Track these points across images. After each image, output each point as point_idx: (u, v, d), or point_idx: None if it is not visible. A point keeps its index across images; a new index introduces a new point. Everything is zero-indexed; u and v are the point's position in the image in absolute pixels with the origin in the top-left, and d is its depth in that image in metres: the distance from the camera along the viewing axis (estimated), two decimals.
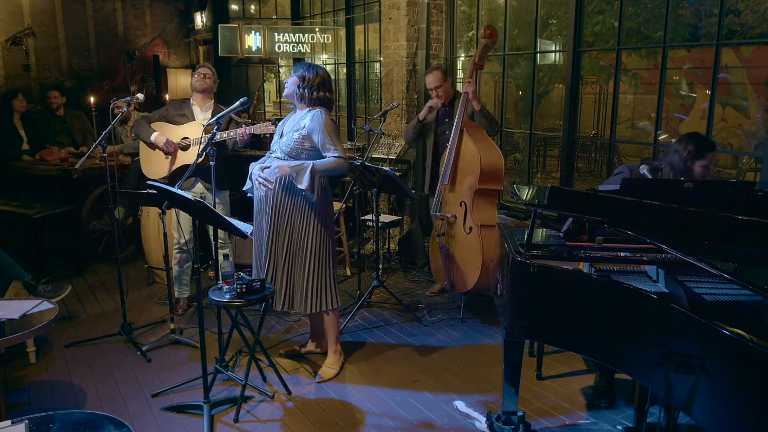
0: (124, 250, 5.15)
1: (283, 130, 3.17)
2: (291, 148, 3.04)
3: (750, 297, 2.00)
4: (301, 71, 3.10)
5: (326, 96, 3.12)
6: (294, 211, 3.08)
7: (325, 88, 3.11)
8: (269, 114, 8.50)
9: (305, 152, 3.05)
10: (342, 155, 3.04)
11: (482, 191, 3.82)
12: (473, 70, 3.94)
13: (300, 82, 3.08)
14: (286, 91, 3.15)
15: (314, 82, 3.07)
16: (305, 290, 3.13)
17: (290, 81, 3.13)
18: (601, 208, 2.27)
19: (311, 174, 2.98)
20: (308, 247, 3.11)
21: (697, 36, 7.34)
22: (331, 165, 3.03)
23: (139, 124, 3.92)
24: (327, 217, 3.16)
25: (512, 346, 2.51)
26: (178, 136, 3.85)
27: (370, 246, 5.35)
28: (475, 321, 4.00)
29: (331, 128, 3.06)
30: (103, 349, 3.61)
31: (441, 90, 4.14)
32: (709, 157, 2.86)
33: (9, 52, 6.69)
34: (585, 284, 2.16)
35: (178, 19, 8.12)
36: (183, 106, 4.00)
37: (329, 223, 3.19)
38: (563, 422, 2.84)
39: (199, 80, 3.93)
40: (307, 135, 3.03)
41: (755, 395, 1.60)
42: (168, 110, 4.00)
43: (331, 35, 6.48)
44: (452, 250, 4.01)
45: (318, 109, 3.07)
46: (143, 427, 2.80)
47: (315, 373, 3.29)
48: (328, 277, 3.18)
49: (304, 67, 3.12)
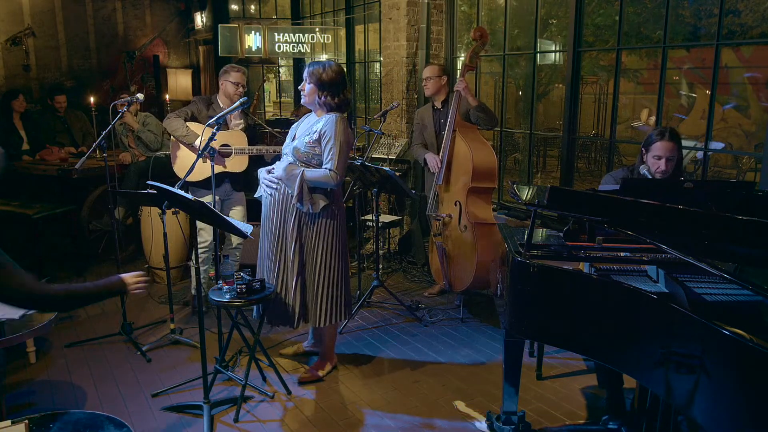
0: (124, 250, 5.15)
1: (296, 133, 3.09)
2: (302, 152, 2.96)
3: (750, 297, 2.00)
4: (315, 76, 2.94)
5: (345, 98, 3.01)
6: (301, 220, 3.00)
7: (343, 89, 2.99)
8: (269, 114, 8.50)
9: (316, 157, 2.96)
10: (334, 170, 2.89)
11: (476, 189, 3.85)
12: (465, 71, 3.98)
13: (319, 91, 2.95)
14: (304, 99, 3.02)
15: (334, 85, 2.94)
16: (314, 303, 3.06)
17: (308, 89, 2.98)
18: (601, 208, 2.26)
19: (300, 183, 2.90)
20: (318, 259, 3.03)
21: (697, 36, 7.34)
22: (320, 177, 2.91)
23: (174, 124, 3.77)
24: (337, 227, 3.06)
25: (512, 346, 2.51)
26: (218, 142, 3.78)
27: (370, 246, 5.35)
28: (475, 321, 4.00)
29: (342, 138, 2.92)
30: (103, 349, 3.61)
31: (431, 82, 4.19)
32: (662, 148, 2.68)
33: (9, 52, 6.69)
34: (585, 284, 2.16)
35: (178, 19, 8.12)
36: (214, 109, 3.87)
37: (340, 234, 3.07)
38: (563, 422, 2.84)
39: (239, 95, 3.82)
40: (317, 139, 2.94)
41: (755, 395, 1.60)
42: (200, 110, 3.88)
43: (331, 35, 6.48)
44: (449, 250, 4.03)
45: (334, 115, 2.96)
46: (143, 427, 2.80)
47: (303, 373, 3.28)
48: (339, 291, 3.09)
49: (319, 69, 2.95)
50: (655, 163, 2.72)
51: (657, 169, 2.71)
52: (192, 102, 3.98)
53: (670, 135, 2.70)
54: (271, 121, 6.86)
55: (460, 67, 4.68)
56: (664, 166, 2.69)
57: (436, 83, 4.18)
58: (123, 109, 3.68)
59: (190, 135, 3.78)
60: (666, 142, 2.68)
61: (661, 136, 2.70)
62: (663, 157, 2.69)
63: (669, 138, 2.69)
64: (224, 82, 3.88)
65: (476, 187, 3.84)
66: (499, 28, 6.93)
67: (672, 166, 2.71)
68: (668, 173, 2.70)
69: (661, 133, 2.71)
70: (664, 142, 2.69)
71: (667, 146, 2.68)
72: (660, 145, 2.69)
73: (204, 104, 3.93)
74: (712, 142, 4.71)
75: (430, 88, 4.21)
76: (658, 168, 2.71)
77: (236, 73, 3.87)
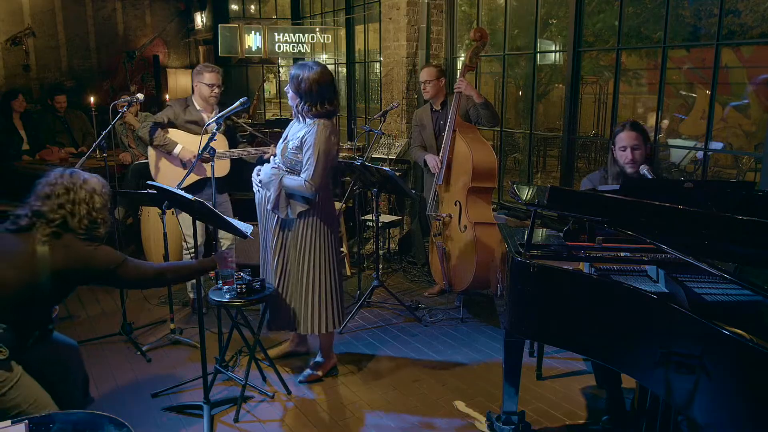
0: (124, 250, 5.15)
1: (288, 133, 3.07)
2: (287, 158, 2.95)
3: (750, 297, 2.00)
4: (294, 83, 2.85)
5: (327, 109, 2.88)
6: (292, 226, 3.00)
7: (324, 98, 2.86)
8: (269, 114, 8.50)
9: (299, 164, 2.93)
10: (309, 180, 2.83)
11: (476, 189, 3.86)
12: (465, 71, 3.98)
13: (299, 101, 2.88)
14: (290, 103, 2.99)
15: (312, 95, 2.83)
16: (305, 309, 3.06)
17: (289, 96, 2.95)
18: (602, 208, 2.26)
19: (278, 189, 2.88)
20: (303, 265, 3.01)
21: (697, 36, 7.34)
22: (296, 186, 2.87)
23: (152, 131, 3.67)
24: (321, 232, 3.02)
25: (512, 346, 2.51)
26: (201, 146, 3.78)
27: (370, 246, 5.35)
28: (475, 321, 4.00)
29: (322, 147, 2.83)
30: (103, 349, 3.61)
31: (430, 86, 4.17)
32: (625, 138, 2.74)
33: (9, 52, 6.70)
34: (585, 284, 2.16)
35: (178, 19, 8.13)
36: (190, 111, 3.80)
37: (325, 239, 3.03)
38: (563, 422, 2.84)
39: (214, 97, 3.75)
40: (300, 146, 2.90)
41: (755, 395, 1.60)
42: (177, 114, 3.78)
43: (331, 35, 6.48)
44: (448, 250, 4.03)
45: (317, 123, 2.87)
46: (143, 427, 2.80)
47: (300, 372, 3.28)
48: (328, 298, 3.07)
49: (298, 74, 2.85)
50: (622, 155, 2.79)
51: (625, 161, 2.78)
52: (168, 107, 3.86)
53: (631, 125, 2.80)
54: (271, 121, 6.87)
55: (460, 68, 4.68)
56: (630, 155, 2.76)
57: (435, 86, 4.17)
58: (123, 109, 3.67)
59: (169, 143, 3.71)
60: (629, 132, 2.77)
61: (623, 127, 2.80)
62: (628, 147, 2.76)
63: (631, 128, 2.78)
64: (198, 84, 3.77)
65: (476, 187, 3.84)
66: (499, 28, 6.94)
67: (639, 155, 2.77)
68: (637, 162, 2.75)
69: (623, 125, 2.81)
70: (627, 132, 2.77)
71: (630, 135, 2.76)
72: (624, 136, 2.77)
73: (180, 107, 3.81)
74: (712, 142, 4.71)
75: (429, 91, 4.19)
76: (626, 159, 2.77)
77: (210, 73, 3.74)
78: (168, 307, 3.67)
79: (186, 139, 3.77)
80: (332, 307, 3.10)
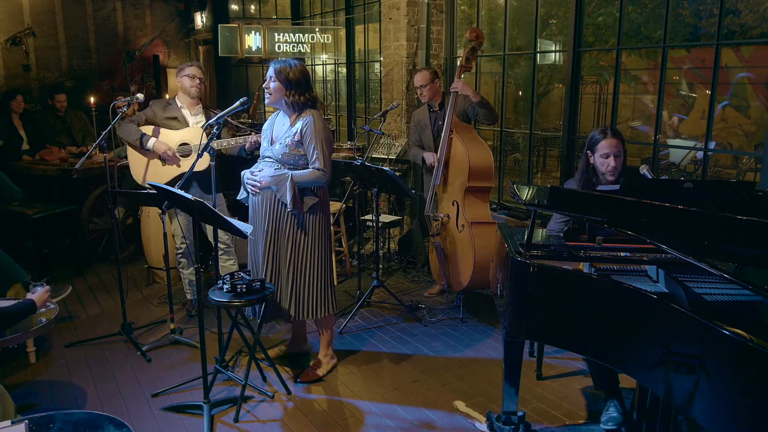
0: (124, 250, 5.15)
1: (272, 136, 3.09)
2: (285, 154, 2.98)
3: (750, 297, 2.00)
4: (283, 74, 2.93)
5: (312, 97, 3.01)
6: (289, 219, 3.03)
7: (309, 87, 3.00)
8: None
9: (303, 158, 2.99)
10: (322, 168, 2.94)
11: (473, 189, 3.86)
12: (460, 71, 3.98)
13: (287, 90, 2.95)
14: (269, 98, 2.99)
15: (300, 84, 2.95)
16: (304, 297, 3.10)
17: (273, 87, 2.96)
18: (601, 208, 2.26)
19: (291, 187, 2.92)
20: (306, 254, 3.07)
21: (697, 36, 7.34)
22: (308, 177, 2.96)
23: (126, 129, 3.71)
24: (323, 222, 3.12)
25: (512, 346, 2.51)
26: (176, 141, 3.75)
27: (370, 246, 5.35)
28: (475, 321, 4.00)
29: (322, 135, 2.95)
30: (103, 349, 3.61)
31: (426, 89, 4.17)
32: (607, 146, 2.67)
33: (9, 52, 6.69)
34: (585, 284, 2.16)
35: (178, 19, 8.13)
36: (171, 109, 3.82)
37: (326, 228, 3.14)
38: (563, 422, 2.84)
39: (195, 87, 3.79)
40: (299, 141, 2.96)
41: (755, 395, 1.60)
42: (155, 112, 3.81)
43: (331, 35, 6.48)
44: (447, 250, 4.04)
45: (309, 115, 2.97)
46: (143, 427, 2.80)
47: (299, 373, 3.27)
48: (326, 283, 3.15)
49: (285, 67, 2.94)
50: (604, 162, 2.72)
51: (607, 168, 2.71)
52: (148, 107, 3.91)
53: (612, 132, 2.73)
54: None
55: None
56: (613, 162, 2.70)
57: (431, 89, 4.17)
58: (123, 109, 3.67)
59: (144, 137, 3.70)
60: (610, 139, 2.70)
61: (604, 134, 2.72)
62: (611, 154, 2.70)
63: (612, 135, 2.71)
64: (180, 79, 3.83)
65: (473, 186, 3.85)
66: (499, 28, 6.94)
67: (620, 162, 2.71)
68: (618, 169, 2.70)
69: (603, 131, 2.73)
70: (608, 139, 2.70)
71: (612, 143, 2.70)
72: (605, 143, 2.70)
73: (160, 107, 3.85)
74: (712, 141, 4.70)
75: (426, 95, 4.19)
76: (608, 166, 2.70)
77: (190, 67, 3.83)
78: (168, 307, 3.67)
79: (162, 133, 3.77)
80: (329, 292, 3.18)
